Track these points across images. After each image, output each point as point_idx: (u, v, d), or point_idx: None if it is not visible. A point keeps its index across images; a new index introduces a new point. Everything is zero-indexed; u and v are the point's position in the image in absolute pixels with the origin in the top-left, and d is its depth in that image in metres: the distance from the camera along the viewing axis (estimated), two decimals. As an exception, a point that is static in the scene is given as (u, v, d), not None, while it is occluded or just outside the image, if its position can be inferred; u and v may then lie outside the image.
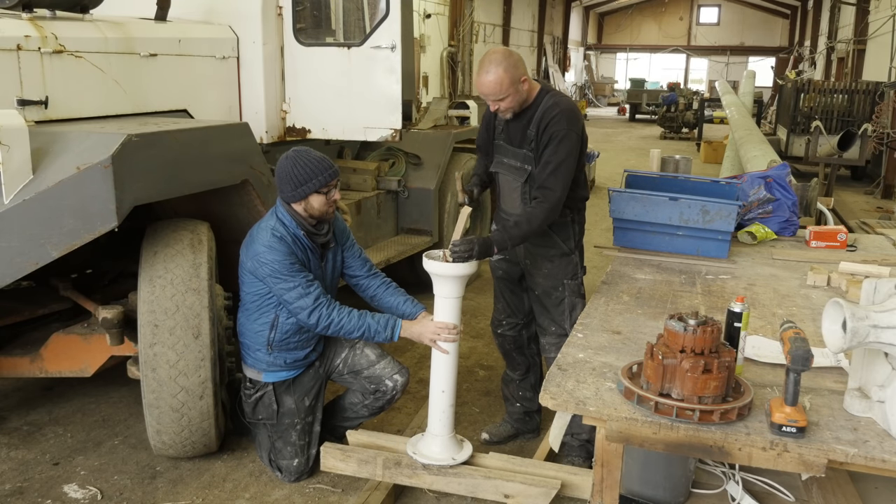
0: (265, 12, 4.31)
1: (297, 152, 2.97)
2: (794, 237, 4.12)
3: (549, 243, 3.24)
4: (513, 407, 3.63)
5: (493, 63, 2.94)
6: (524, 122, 3.10)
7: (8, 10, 3.25)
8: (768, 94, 25.47)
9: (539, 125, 3.03)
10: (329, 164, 2.98)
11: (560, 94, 3.15)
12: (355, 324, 2.95)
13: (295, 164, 2.93)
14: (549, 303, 3.29)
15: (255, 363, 3.13)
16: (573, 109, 3.07)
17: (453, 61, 18.52)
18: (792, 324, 2.11)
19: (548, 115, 3.01)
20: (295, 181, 2.92)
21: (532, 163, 3.09)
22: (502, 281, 3.47)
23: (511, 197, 3.25)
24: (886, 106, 11.13)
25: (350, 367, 3.23)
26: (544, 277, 3.27)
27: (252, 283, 3.03)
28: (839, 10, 19.56)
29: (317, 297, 2.92)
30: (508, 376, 3.64)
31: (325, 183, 2.94)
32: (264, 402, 3.15)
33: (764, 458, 1.98)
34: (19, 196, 2.67)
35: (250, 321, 3.09)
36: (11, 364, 3.34)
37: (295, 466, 3.18)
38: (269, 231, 2.95)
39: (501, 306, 3.53)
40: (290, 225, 2.97)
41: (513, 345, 3.54)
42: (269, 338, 3.06)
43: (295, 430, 3.17)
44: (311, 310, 2.91)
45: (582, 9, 35.93)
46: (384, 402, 3.25)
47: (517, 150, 3.14)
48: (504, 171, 3.23)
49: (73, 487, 3.15)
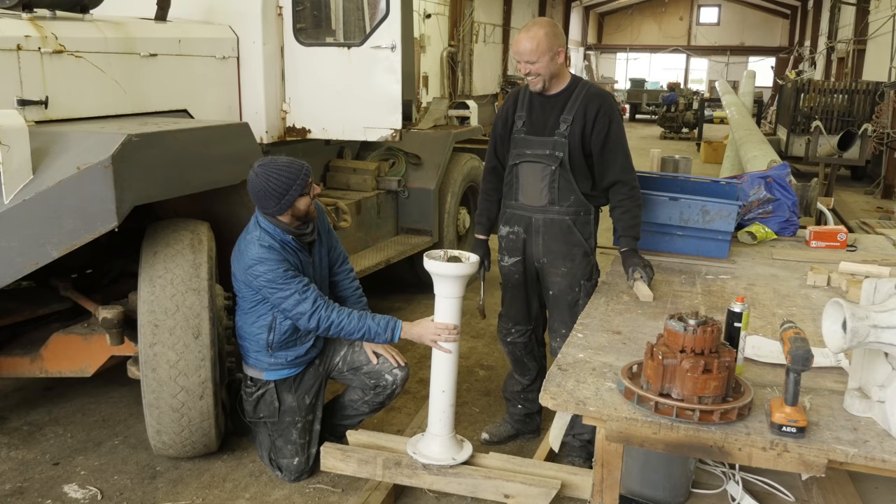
0: (265, 12, 4.31)
1: (262, 166, 2.90)
2: (794, 237, 4.11)
3: (573, 241, 3.20)
4: (514, 408, 3.62)
5: (536, 25, 3.02)
6: (557, 107, 3.10)
7: (8, 10, 3.25)
8: (768, 94, 25.47)
9: (586, 113, 3.06)
10: (299, 164, 2.94)
11: (593, 83, 3.23)
12: (355, 325, 2.95)
13: (268, 179, 2.87)
14: (563, 304, 3.24)
15: (256, 363, 3.13)
16: (612, 96, 3.22)
17: (453, 61, 18.52)
18: (792, 324, 2.11)
19: (596, 100, 3.09)
20: (276, 194, 2.88)
21: (565, 149, 3.08)
22: (518, 287, 3.36)
23: (535, 188, 3.17)
24: (886, 106, 11.13)
25: (350, 365, 3.23)
26: (562, 277, 3.22)
27: (246, 291, 3.04)
28: (839, 10, 19.55)
29: (314, 300, 2.92)
30: (515, 380, 3.58)
31: (304, 182, 2.92)
32: (266, 399, 3.15)
33: (764, 458, 1.98)
34: (19, 196, 2.67)
35: (248, 324, 3.09)
36: (11, 364, 3.34)
37: (295, 465, 3.18)
38: (256, 243, 2.92)
39: (509, 314, 3.44)
40: (275, 232, 2.96)
41: (524, 351, 3.48)
42: (268, 340, 3.06)
43: (296, 428, 3.17)
44: (311, 314, 2.91)
45: (582, 9, 35.91)
46: (384, 398, 3.24)
47: (545, 139, 3.12)
48: (529, 161, 3.17)
49: (73, 487, 3.15)
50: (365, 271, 4.69)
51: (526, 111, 3.18)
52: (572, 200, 3.16)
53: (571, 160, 3.11)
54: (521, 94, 3.25)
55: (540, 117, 3.14)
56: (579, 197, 3.16)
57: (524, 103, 3.21)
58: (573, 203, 3.17)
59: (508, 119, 3.25)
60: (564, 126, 3.08)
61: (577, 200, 3.17)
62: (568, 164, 3.10)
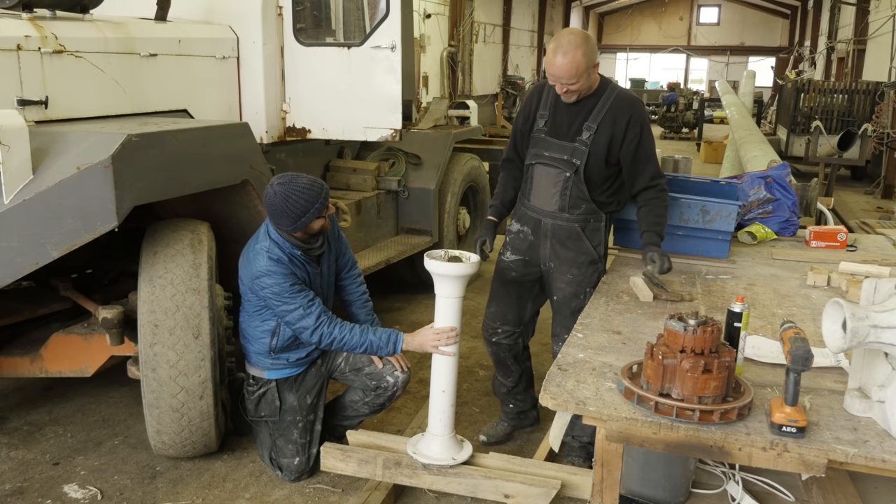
0: (265, 12, 4.31)
1: (283, 186, 2.86)
2: (794, 237, 4.11)
3: (581, 248, 3.16)
4: (506, 407, 3.62)
5: (572, 45, 2.80)
6: (582, 113, 3.00)
7: (8, 10, 3.25)
8: (768, 94, 25.48)
9: (616, 119, 2.97)
10: (319, 185, 2.92)
11: (621, 86, 3.15)
12: (357, 340, 2.97)
13: (287, 199, 2.84)
14: (567, 310, 3.19)
15: (258, 362, 3.14)
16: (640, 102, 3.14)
17: (453, 61, 18.52)
18: (792, 324, 2.11)
19: (626, 109, 2.99)
20: (292, 215, 2.86)
21: (583, 157, 3.00)
22: (513, 284, 3.31)
23: (548, 192, 3.12)
24: (886, 106, 11.13)
25: (352, 366, 3.23)
26: (567, 283, 3.18)
27: (250, 296, 3.04)
28: (839, 10, 19.56)
29: (318, 315, 2.92)
30: (499, 382, 3.56)
31: (324, 206, 2.91)
32: (267, 398, 3.15)
33: (764, 458, 1.98)
34: (19, 196, 2.67)
35: (251, 327, 3.10)
36: (11, 364, 3.34)
37: (296, 465, 3.18)
38: (265, 255, 2.92)
39: (498, 311, 3.38)
40: (285, 246, 2.96)
41: (508, 353, 3.44)
42: (271, 344, 3.07)
43: (297, 427, 3.17)
44: (314, 329, 2.92)
45: (582, 9, 35.91)
46: (385, 399, 3.24)
47: (565, 144, 3.04)
48: (545, 164, 3.10)
49: (73, 487, 3.15)
50: (365, 271, 4.69)
51: (550, 111, 3.08)
52: (583, 209, 3.13)
53: (588, 168, 3.03)
54: (545, 90, 3.12)
55: (563, 119, 3.05)
56: (591, 205, 3.12)
57: (548, 101, 3.10)
58: (584, 211, 3.13)
59: (531, 115, 3.15)
60: (587, 134, 2.99)
61: (588, 209, 3.13)
62: (583, 173, 3.03)
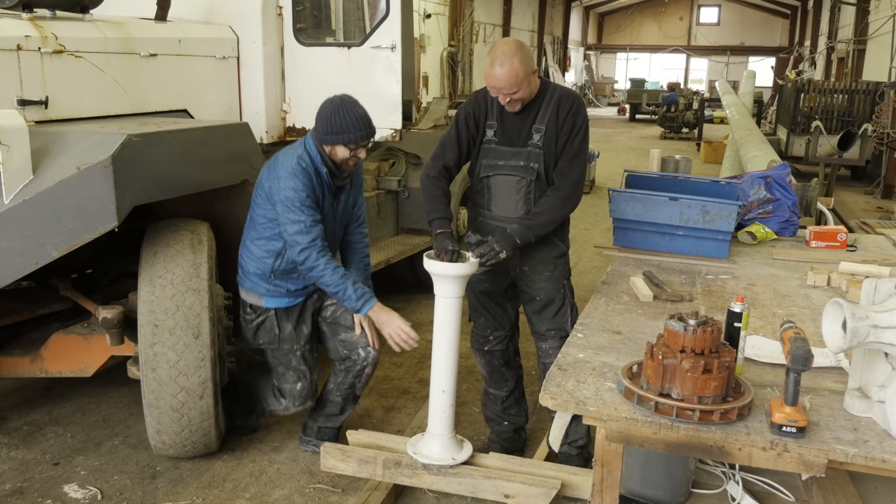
0: (265, 12, 4.31)
1: (343, 101, 3.00)
2: (794, 237, 4.11)
3: (551, 245, 3.14)
4: (500, 426, 3.45)
5: (507, 55, 2.82)
6: (529, 118, 3.00)
7: (8, 10, 3.25)
8: (768, 94, 25.48)
9: (558, 116, 2.97)
10: (366, 124, 3.01)
11: (561, 85, 3.13)
12: (335, 280, 2.99)
13: (335, 112, 2.97)
14: (551, 308, 3.17)
15: (254, 287, 3.16)
16: (582, 99, 3.10)
17: (453, 61, 18.53)
18: (792, 324, 2.11)
19: (565, 105, 2.99)
20: (328, 127, 2.97)
21: (539, 160, 2.99)
22: (485, 295, 3.25)
23: (510, 200, 3.08)
24: (886, 106, 11.13)
25: (333, 318, 3.27)
26: (546, 281, 3.15)
27: (265, 207, 3.05)
28: (839, 10, 19.57)
29: (314, 238, 2.95)
30: (492, 395, 3.42)
31: (355, 141, 2.98)
32: (266, 326, 3.19)
33: (764, 458, 1.98)
34: (19, 196, 2.67)
35: (256, 246, 3.11)
36: (11, 364, 3.34)
37: (299, 390, 3.24)
38: (295, 158, 2.99)
39: (487, 322, 3.31)
40: (316, 158, 3.02)
41: (501, 360, 3.37)
42: (274, 266, 3.09)
43: (295, 355, 3.24)
44: (304, 248, 2.95)
45: (582, 9, 35.94)
46: (353, 377, 3.25)
47: (519, 150, 3.02)
48: (504, 174, 3.06)
49: (73, 487, 3.15)
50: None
51: (497, 120, 3.05)
52: None
53: (547, 169, 3.03)
54: (488, 99, 3.05)
55: (513, 126, 3.03)
56: None
57: (494, 111, 3.06)
58: None
59: (479, 125, 3.08)
60: (538, 136, 2.99)
61: None
62: (544, 176, 3.03)
